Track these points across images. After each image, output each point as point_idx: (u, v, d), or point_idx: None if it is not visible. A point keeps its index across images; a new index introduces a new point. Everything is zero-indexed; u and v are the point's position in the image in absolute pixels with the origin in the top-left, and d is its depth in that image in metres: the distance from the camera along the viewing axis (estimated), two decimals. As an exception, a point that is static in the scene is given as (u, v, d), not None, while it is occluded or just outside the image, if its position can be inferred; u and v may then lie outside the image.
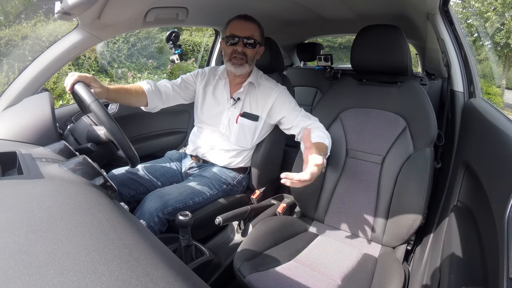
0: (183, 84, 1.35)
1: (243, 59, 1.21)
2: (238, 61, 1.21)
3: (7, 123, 0.89)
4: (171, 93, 1.31)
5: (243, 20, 1.22)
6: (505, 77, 11.22)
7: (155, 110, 1.30)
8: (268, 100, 1.27)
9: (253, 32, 1.21)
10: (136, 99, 1.20)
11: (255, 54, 1.25)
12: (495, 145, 0.77)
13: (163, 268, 0.37)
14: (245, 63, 1.22)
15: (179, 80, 1.36)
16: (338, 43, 13.42)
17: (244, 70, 1.24)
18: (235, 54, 1.21)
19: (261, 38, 1.26)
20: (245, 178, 1.40)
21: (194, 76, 1.38)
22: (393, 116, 1.18)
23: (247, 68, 1.24)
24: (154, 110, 1.30)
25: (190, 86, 1.37)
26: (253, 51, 1.23)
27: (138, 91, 1.20)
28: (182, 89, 1.35)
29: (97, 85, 0.99)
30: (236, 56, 1.21)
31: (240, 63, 1.22)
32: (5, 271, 0.29)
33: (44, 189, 0.49)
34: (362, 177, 1.19)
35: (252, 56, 1.23)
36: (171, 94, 1.31)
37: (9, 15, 5.48)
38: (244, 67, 1.23)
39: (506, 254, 0.51)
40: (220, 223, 1.08)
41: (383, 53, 1.19)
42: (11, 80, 1.09)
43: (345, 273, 0.96)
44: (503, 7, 10.14)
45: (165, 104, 1.32)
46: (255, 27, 1.23)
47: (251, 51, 1.22)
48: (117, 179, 1.20)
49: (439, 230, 1.04)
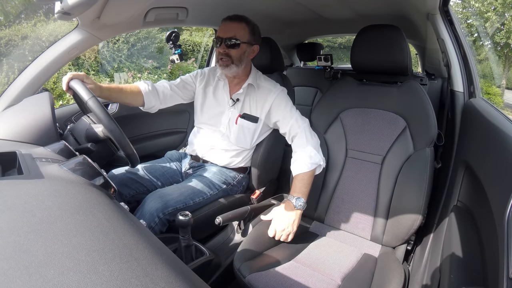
0: (181, 84, 1.36)
1: (228, 60, 1.20)
2: (223, 62, 1.21)
3: (7, 123, 0.90)
4: (169, 92, 1.31)
5: (228, 21, 1.21)
6: (505, 77, 11.21)
7: (154, 110, 1.31)
8: (266, 102, 1.27)
9: (237, 32, 1.19)
10: (132, 97, 1.20)
11: (241, 55, 1.22)
12: (495, 145, 0.77)
13: (163, 268, 0.37)
14: (231, 64, 1.21)
15: (178, 80, 1.37)
16: (338, 43, 13.41)
17: (232, 71, 1.23)
18: (220, 56, 1.21)
19: (249, 37, 1.22)
20: (245, 178, 1.40)
21: (193, 77, 1.39)
22: (393, 116, 1.17)
23: (234, 68, 1.22)
24: (152, 110, 1.30)
25: (189, 86, 1.37)
26: (237, 51, 1.20)
27: (133, 90, 1.21)
28: (181, 88, 1.35)
29: (89, 81, 1.01)
30: (221, 58, 1.21)
31: (226, 64, 1.21)
32: (5, 271, 0.29)
33: (44, 189, 0.49)
34: (362, 177, 1.19)
35: (237, 56, 1.21)
36: (169, 94, 1.31)
37: (9, 15, 5.48)
38: (231, 67, 1.22)
39: (506, 254, 0.51)
40: (220, 223, 1.08)
41: (383, 53, 1.19)
42: (11, 80, 1.09)
43: (345, 273, 0.96)
44: (503, 7, 10.14)
45: (163, 104, 1.32)
46: (240, 26, 1.20)
47: (234, 52, 1.20)
48: (117, 179, 1.20)
49: (439, 230, 1.04)
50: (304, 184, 1.13)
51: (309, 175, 1.14)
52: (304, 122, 1.22)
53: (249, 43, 1.23)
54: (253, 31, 1.24)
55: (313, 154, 1.14)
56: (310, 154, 1.14)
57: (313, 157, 1.14)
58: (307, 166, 1.13)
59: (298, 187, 1.13)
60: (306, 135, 1.18)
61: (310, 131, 1.21)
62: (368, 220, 1.16)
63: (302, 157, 1.15)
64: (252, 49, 1.26)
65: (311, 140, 1.18)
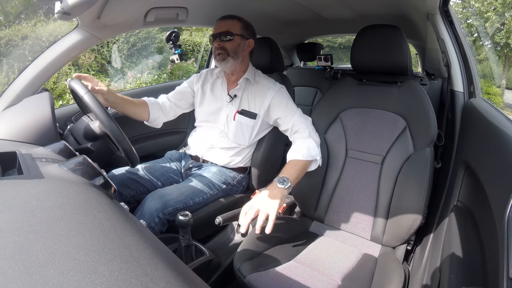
0: (179, 96, 1.40)
1: (224, 53, 1.23)
2: (220, 57, 1.23)
3: (7, 123, 0.90)
4: (168, 104, 1.36)
5: (221, 19, 1.26)
6: (505, 77, 11.21)
7: (158, 124, 1.35)
8: (265, 99, 1.27)
9: (230, 26, 1.23)
10: (140, 110, 1.28)
11: (236, 47, 1.24)
12: (495, 145, 0.77)
13: (163, 268, 0.37)
14: (227, 57, 1.23)
15: (175, 91, 1.41)
16: (338, 43, 13.41)
17: (229, 64, 1.25)
18: (217, 51, 1.24)
19: (242, 30, 1.26)
20: (245, 178, 1.40)
21: (190, 83, 1.43)
22: (393, 116, 1.17)
23: (231, 62, 1.24)
24: (156, 123, 1.35)
25: (188, 94, 1.41)
26: (231, 44, 1.23)
27: (141, 103, 1.29)
28: (179, 99, 1.39)
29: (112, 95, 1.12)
30: (218, 53, 1.23)
31: (222, 58, 1.23)
32: (5, 271, 0.29)
33: (44, 189, 0.49)
34: (362, 177, 1.19)
35: (232, 48, 1.23)
36: (168, 105, 1.36)
37: (9, 15, 5.48)
38: (228, 61, 1.24)
39: (506, 254, 0.51)
40: (220, 223, 1.07)
41: (383, 53, 1.19)
42: (11, 80, 1.09)
43: (345, 273, 0.96)
44: (503, 7, 10.14)
45: (166, 117, 1.37)
46: (232, 22, 1.25)
47: (229, 44, 1.23)
48: (117, 179, 1.21)
49: (439, 230, 1.04)
50: (294, 170, 1.08)
51: (302, 164, 1.11)
52: (307, 119, 1.23)
53: (243, 36, 1.26)
54: (246, 26, 1.28)
55: (312, 147, 1.13)
56: (308, 145, 1.13)
57: (311, 149, 1.13)
58: (302, 155, 1.11)
59: (287, 170, 1.08)
60: (309, 131, 1.18)
61: (313, 128, 1.21)
62: (368, 220, 1.16)
63: (299, 147, 1.14)
64: (247, 43, 1.28)
65: (313, 135, 1.18)
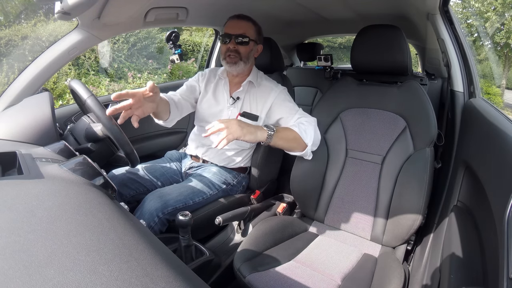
0: (188, 93, 1.32)
1: (237, 57, 1.20)
2: (232, 59, 1.21)
3: (7, 123, 0.90)
4: (182, 101, 1.28)
5: (236, 19, 1.22)
6: (505, 77, 11.20)
7: (172, 123, 1.25)
8: (267, 100, 1.27)
9: (246, 29, 1.20)
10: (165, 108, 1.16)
11: (249, 52, 1.23)
12: (495, 145, 0.77)
13: (163, 268, 0.37)
14: (239, 61, 1.21)
15: (184, 87, 1.34)
16: (338, 43, 13.40)
17: (239, 68, 1.23)
18: (229, 52, 1.21)
19: (256, 36, 1.24)
20: (245, 178, 1.40)
21: (196, 80, 1.37)
22: (393, 116, 1.17)
23: (242, 66, 1.23)
24: (171, 123, 1.24)
25: (196, 91, 1.35)
26: (246, 48, 1.21)
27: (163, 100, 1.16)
28: (189, 95, 1.32)
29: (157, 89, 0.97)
30: (230, 55, 1.21)
31: (234, 61, 1.21)
32: (5, 271, 0.29)
33: (44, 189, 0.49)
34: (362, 177, 1.19)
35: (246, 53, 1.22)
36: (183, 103, 1.28)
37: (9, 15, 5.48)
38: (239, 65, 1.22)
39: (506, 254, 0.51)
40: (220, 223, 1.08)
41: (383, 53, 1.19)
42: (11, 80, 1.09)
43: (345, 273, 0.96)
44: (503, 7, 10.13)
45: (179, 115, 1.27)
46: (248, 25, 1.22)
47: (244, 48, 1.21)
48: (117, 179, 1.20)
49: (439, 230, 1.04)
50: (284, 131, 1.07)
51: (294, 135, 1.08)
52: (311, 117, 1.21)
53: (256, 41, 1.25)
54: (259, 31, 1.27)
55: (309, 133, 1.11)
56: (306, 129, 1.11)
57: (308, 135, 1.10)
58: (298, 129, 1.09)
59: (279, 128, 1.07)
60: (313, 127, 1.16)
61: (316, 126, 1.19)
62: (368, 220, 1.16)
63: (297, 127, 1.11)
64: (257, 48, 1.28)
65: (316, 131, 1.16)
